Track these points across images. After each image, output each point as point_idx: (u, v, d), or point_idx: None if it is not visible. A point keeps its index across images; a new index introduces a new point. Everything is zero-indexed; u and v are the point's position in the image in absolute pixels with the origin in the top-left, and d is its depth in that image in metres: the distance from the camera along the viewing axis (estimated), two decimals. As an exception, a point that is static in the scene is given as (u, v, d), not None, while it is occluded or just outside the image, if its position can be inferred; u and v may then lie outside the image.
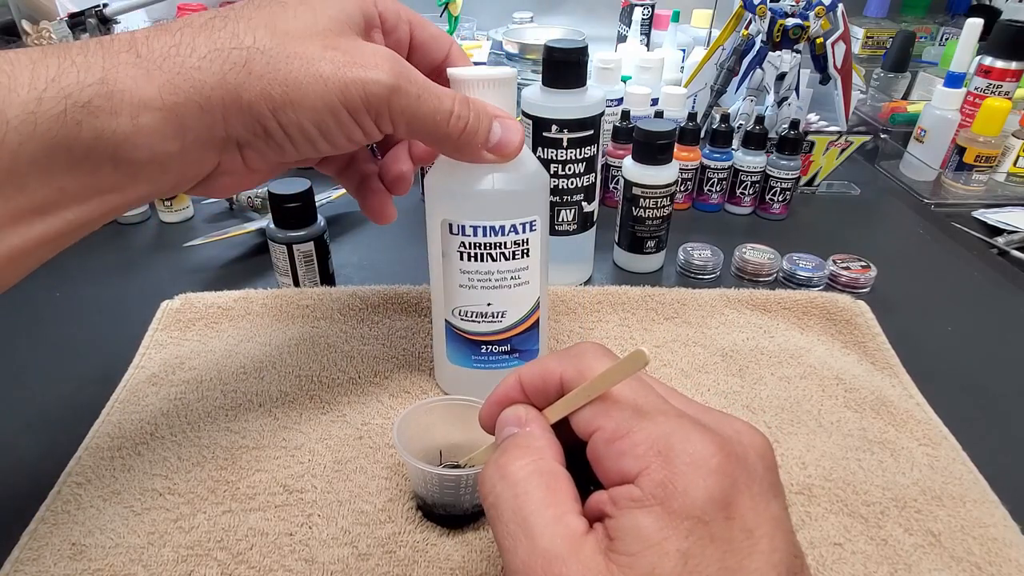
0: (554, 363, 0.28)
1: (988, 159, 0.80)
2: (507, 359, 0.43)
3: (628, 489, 0.23)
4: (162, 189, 0.30)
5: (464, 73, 0.37)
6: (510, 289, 0.41)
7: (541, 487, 0.24)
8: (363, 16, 0.32)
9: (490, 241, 0.39)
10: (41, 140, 0.25)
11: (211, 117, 0.28)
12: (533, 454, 0.25)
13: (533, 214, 0.40)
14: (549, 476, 0.24)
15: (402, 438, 0.34)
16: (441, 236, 0.40)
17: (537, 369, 0.28)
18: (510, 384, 0.29)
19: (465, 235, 0.39)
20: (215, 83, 0.28)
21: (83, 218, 0.28)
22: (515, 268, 0.41)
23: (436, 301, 0.43)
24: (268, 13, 0.29)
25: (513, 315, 0.42)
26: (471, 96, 0.35)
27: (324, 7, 0.31)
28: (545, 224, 0.41)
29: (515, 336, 0.43)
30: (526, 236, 0.40)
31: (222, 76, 0.28)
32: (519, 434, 0.27)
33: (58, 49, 0.26)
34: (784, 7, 0.75)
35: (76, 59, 0.26)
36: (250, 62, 0.28)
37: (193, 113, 0.28)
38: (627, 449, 0.23)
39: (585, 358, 0.27)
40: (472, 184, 0.38)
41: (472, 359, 0.43)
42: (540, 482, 0.24)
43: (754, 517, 0.22)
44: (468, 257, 0.40)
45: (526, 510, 0.23)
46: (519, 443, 0.26)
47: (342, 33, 0.31)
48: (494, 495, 0.24)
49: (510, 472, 0.24)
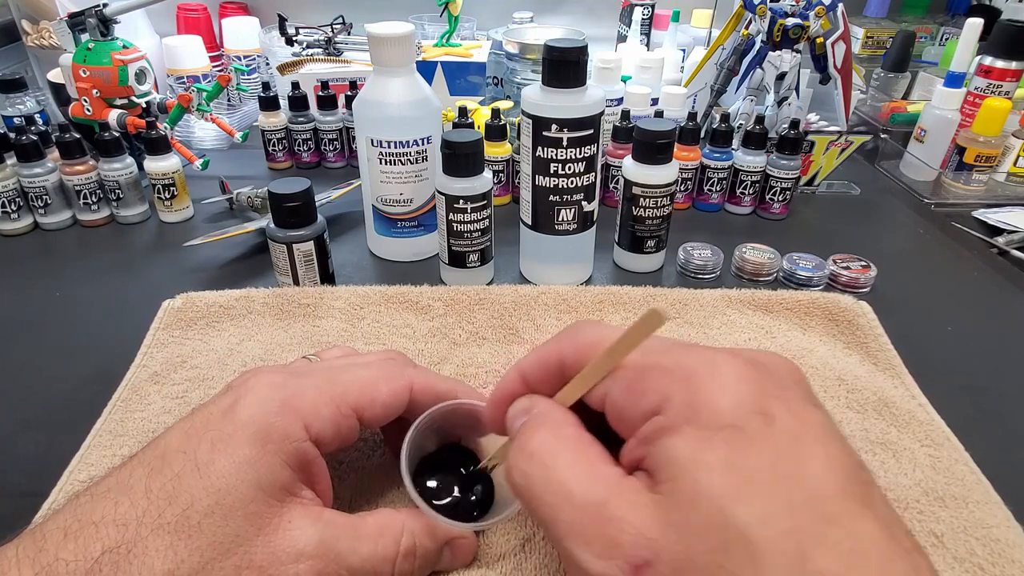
0: (550, 346, 0.27)
1: (988, 159, 0.80)
2: (415, 230, 0.63)
3: (654, 421, 0.22)
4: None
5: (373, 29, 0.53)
6: (414, 183, 0.60)
7: (568, 450, 0.23)
8: (281, 466, 0.27)
9: (400, 151, 0.57)
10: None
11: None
12: (550, 426, 0.24)
13: (429, 131, 0.58)
14: (574, 440, 0.23)
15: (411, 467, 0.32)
16: (367, 148, 0.58)
17: (534, 357, 0.27)
18: (510, 379, 0.28)
19: (383, 147, 0.57)
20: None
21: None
22: (418, 169, 0.59)
23: (365, 192, 0.62)
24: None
25: (418, 201, 0.61)
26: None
27: (226, 486, 0.26)
28: (437, 136, 0.58)
29: (420, 215, 0.62)
30: (424, 148, 0.58)
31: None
32: (530, 416, 0.26)
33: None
34: (784, 7, 0.75)
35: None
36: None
37: None
38: (647, 387, 0.22)
39: (582, 334, 0.26)
40: (386, 111, 0.56)
41: (392, 231, 0.62)
42: (566, 446, 0.23)
43: (797, 424, 0.20)
44: (385, 162, 0.58)
45: (558, 476, 0.22)
46: (533, 423, 0.25)
47: (254, 525, 0.26)
48: (523, 477, 0.23)
49: (531, 448, 0.24)
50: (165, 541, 0.24)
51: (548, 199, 0.55)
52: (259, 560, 0.26)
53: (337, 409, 0.30)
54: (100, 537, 0.24)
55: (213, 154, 0.82)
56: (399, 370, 0.33)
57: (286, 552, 0.26)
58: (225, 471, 0.26)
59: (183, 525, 0.25)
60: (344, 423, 0.30)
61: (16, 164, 0.66)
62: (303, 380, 0.30)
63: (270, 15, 1.06)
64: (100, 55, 0.69)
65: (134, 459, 0.27)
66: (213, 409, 0.28)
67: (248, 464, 0.26)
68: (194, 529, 0.25)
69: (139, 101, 0.72)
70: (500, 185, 0.74)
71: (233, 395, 0.29)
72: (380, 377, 0.32)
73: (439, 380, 0.34)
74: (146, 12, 1.04)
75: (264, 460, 0.27)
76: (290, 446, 0.28)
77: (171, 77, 0.99)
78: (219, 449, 0.26)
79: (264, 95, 0.81)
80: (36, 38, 0.97)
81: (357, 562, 0.27)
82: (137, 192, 0.70)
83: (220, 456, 0.26)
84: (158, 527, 0.25)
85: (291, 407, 0.28)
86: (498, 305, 0.52)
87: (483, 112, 0.76)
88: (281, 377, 0.30)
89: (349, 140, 0.85)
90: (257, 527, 0.26)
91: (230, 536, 0.25)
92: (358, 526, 0.29)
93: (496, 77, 0.99)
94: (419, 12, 1.07)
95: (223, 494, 0.25)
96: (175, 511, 0.25)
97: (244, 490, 0.26)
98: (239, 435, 0.27)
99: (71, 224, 0.70)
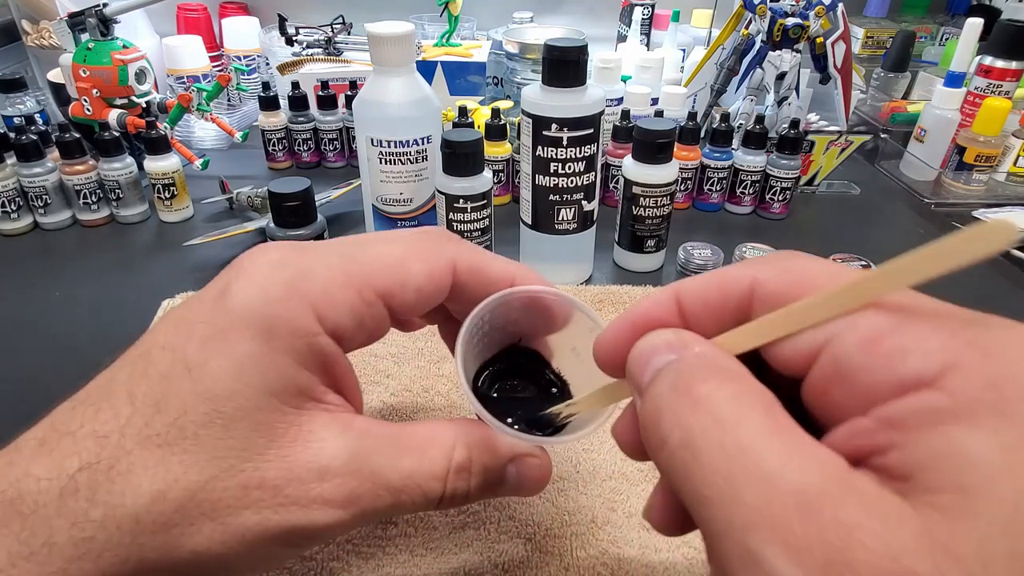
0: (739, 267, 0.19)
1: (988, 159, 0.80)
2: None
3: (921, 398, 0.14)
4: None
5: (373, 29, 0.52)
6: (414, 183, 0.59)
7: (759, 411, 0.16)
8: (294, 367, 0.22)
9: (399, 151, 0.57)
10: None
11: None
12: (728, 375, 0.17)
13: (429, 131, 0.57)
14: (763, 400, 0.16)
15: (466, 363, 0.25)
16: (367, 147, 0.57)
17: (708, 278, 0.19)
18: (657, 298, 0.20)
19: (383, 147, 0.56)
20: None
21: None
22: (418, 168, 0.58)
23: (365, 192, 0.61)
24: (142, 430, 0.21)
25: (417, 200, 0.60)
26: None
27: (227, 377, 0.21)
28: (437, 135, 0.57)
29: (420, 215, 0.61)
30: (424, 147, 0.57)
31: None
32: (687, 356, 0.18)
33: None
34: (784, 7, 0.75)
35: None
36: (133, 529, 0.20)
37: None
38: (909, 344, 0.15)
39: (796, 259, 0.18)
40: (386, 111, 0.55)
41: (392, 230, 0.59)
42: (756, 405, 0.16)
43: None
44: (385, 161, 0.57)
45: (745, 439, 0.15)
46: (697, 364, 0.18)
47: (262, 430, 0.21)
48: (682, 430, 0.16)
49: (697, 393, 0.16)
50: (155, 455, 0.20)
51: (548, 199, 0.55)
52: (273, 478, 0.21)
53: (358, 294, 0.23)
54: (77, 450, 0.20)
55: (213, 154, 0.82)
56: (436, 246, 0.26)
57: (307, 468, 0.21)
58: (222, 373, 0.21)
59: (176, 437, 0.20)
60: (368, 312, 0.24)
61: (16, 164, 0.66)
62: (312, 258, 0.24)
63: (270, 15, 1.06)
64: (100, 55, 0.69)
65: (120, 359, 0.23)
66: (204, 295, 0.23)
67: (250, 364, 0.21)
68: (189, 442, 0.20)
69: (139, 101, 0.72)
70: (500, 185, 0.74)
71: (226, 278, 0.23)
72: (411, 254, 0.25)
73: (491, 259, 0.27)
74: (146, 12, 1.04)
75: (271, 359, 0.21)
76: (301, 342, 0.22)
77: (171, 77, 0.99)
78: (212, 346, 0.21)
79: (264, 95, 0.81)
80: (36, 38, 0.97)
81: (398, 480, 0.22)
82: (137, 192, 0.70)
83: (214, 355, 0.21)
84: (145, 439, 0.20)
85: (298, 292, 0.22)
86: (498, 304, 0.52)
87: (483, 112, 0.76)
88: (284, 253, 0.24)
89: (349, 140, 0.85)
90: (269, 438, 0.21)
91: (235, 449, 0.21)
92: (400, 437, 0.23)
93: (496, 77, 0.99)
94: (419, 12, 1.07)
95: (222, 400, 0.21)
96: (164, 420, 0.20)
97: (249, 395, 0.21)
98: (234, 329, 0.21)
99: (71, 224, 0.70)
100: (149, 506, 0.20)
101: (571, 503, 0.36)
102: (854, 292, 0.16)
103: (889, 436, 0.15)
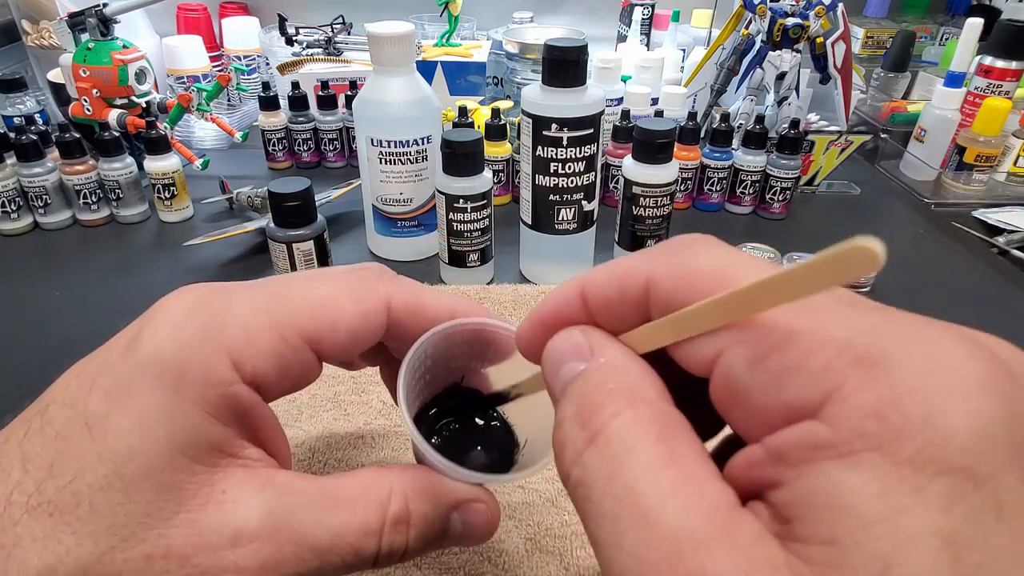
0: (636, 263, 0.18)
1: (988, 159, 0.80)
2: (415, 230, 0.63)
3: (808, 429, 0.13)
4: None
5: (373, 29, 0.53)
6: (414, 183, 0.60)
7: (651, 440, 0.15)
8: (206, 420, 0.20)
9: (399, 151, 0.57)
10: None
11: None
12: (626, 395, 0.16)
13: (429, 131, 0.58)
14: (659, 423, 0.16)
15: (409, 402, 0.24)
16: (367, 147, 0.58)
17: (606, 274, 0.18)
18: (564, 296, 0.19)
19: (383, 147, 0.57)
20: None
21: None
22: (418, 168, 0.59)
23: (365, 192, 0.62)
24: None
25: (417, 200, 0.61)
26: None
27: (133, 438, 0.19)
28: (437, 136, 0.58)
29: (420, 215, 0.62)
30: (424, 147, 0.58)
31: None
32: (592, 369, 0.18)
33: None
34: (784, 7, 0.75)
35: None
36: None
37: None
38: (796, 363, 0.14)
39: (694, 256, 0.17)
40: (386, 111, 0.56)
41: (391, 230, 0.63)
42: (647, 432, 0.15)
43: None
44: (385, 161, 0.58)
45: (631, 477, 0.15)
46: (600, 382, 0.17)
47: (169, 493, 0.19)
48: (579, 467, 0.16)
49: (595, 425, 0.16)
50: (44, 526, 0.18)
51: (548, 198, 0.55)
52: (180, 546, 0.19)
53: (281, 338, 0.21)
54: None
55: (213, 154, 0.82)
56: (369, 284, 0.24)
57: (218, 533, 0.19)
58: (123, 430, 0.19)
59: (68, 504, 0.18)
60: (293, 357, 0.22)
61: (16, 164, 0.66)
62: (233, 299, 0.22)
63: (270, 15, 1.06)
64: (100, 55, 0.69)
65: (17, 418, 0.21)
66: (112, 345, 0.21)
67: (155, 419, 0.19)
68: (83, 509, 0.18)
69: (139, 101, 0.72)
70: (500, 185, 0.74)
71: (137, 326, 0.21)
72: (342, 293, 0.23)
73: (429, 295, 0.25)
74: (146, 12, 1.04)
75: (179, 412, 0.20)
76: (215, 392, 0.20)
77: (171, 77, 0.99)
78: (114, 400, 0.19)
79: (264, 95, 0.81)
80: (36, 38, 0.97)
81: (326, 539, 0.20)
82: (137, 192, 0.70)
83: (116, 409, 0.19)
84: (34, 507, 0.18)
85: (212, 336, 0.21)
86: (498, 304, 0.52)
87: (483, 112, 0.76)
88: (202, 294, 0.22)
89: (349, 140, 0.85)
90: (176, 501, 0.19)
91: (136, 516, 0.19)
92: (328, 490, 0.21)
93: (496, 77, 0.99)
94: (419, 12, 1.07)
95: (122, 460, 0.19)
96: (56, 484, 0.18)
97: (153, 454, 0.19)
98: (140, 379, 0.20)
99: (71, 224, 0.70)
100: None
101: (571, 503, 0.36)
102: (737, 304, 0.15)
103: (776, 471, 0.14)
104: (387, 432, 0.41)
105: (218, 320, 0.21)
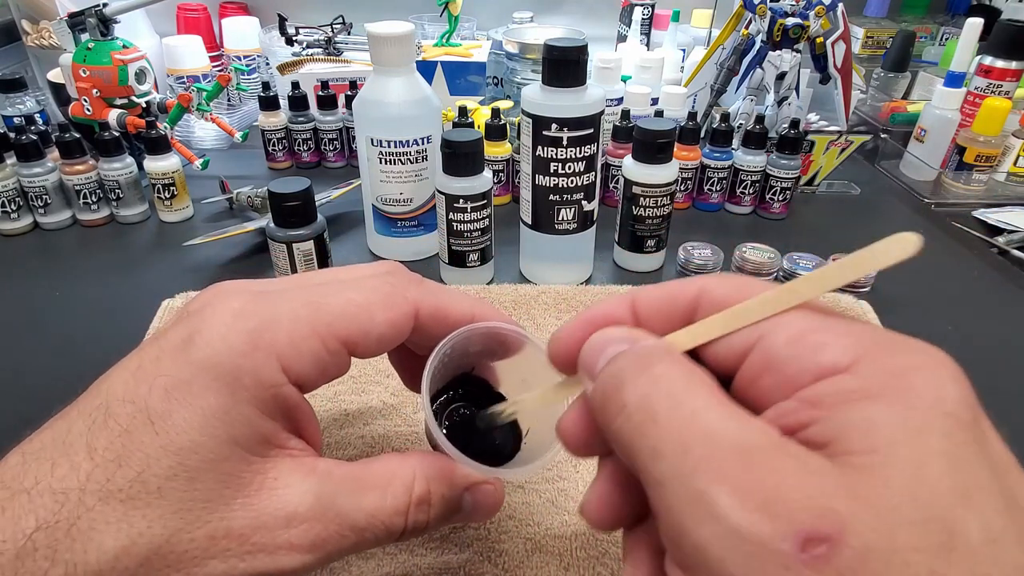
0: (692, 279, 0.21)
1: (988, 159, 0.80)
2: (415, 230, 0.63)
3: (837, 381, 0.17)
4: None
5: (373, 29, 0.53)
6: (414, 183, 0.59)
7: (705, 389, 0.18)
8: (259, 417, 0.23)
9: (399, 151, 0.57)
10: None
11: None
12: (678, 360, 0.19)
13: (429, 131, 0.58)
14: (708, 383, 0.18)
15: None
16: (367, 147, 0.58)
17: (659, 291, 0.21)
18: (614, 301, 0.22)
19: (383, 147, 0.57)
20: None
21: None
22: (418, 168, 0.59)
23: (365, 191, 0.62)
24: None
25: (417, 200, 0.61)
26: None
27: (189, 432, 0.21)
28: (437, 135, 0.58)
29: (420, 215, 0.62)
30: (424, 147, 0.58)
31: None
32: (638, 347, 0.20)
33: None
34: (784, 7, 0.75)
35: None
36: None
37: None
38: (828, 340, 0.18)
39: (733, 278, 0.21)
40: (386, 111, 0.56)
41: (392, 230, 0.62)
42: (703, 384, 0.18)
43: (1007, 455, 0.16)
44: (385, 161, 0.58)
45: (694, 408, 0.17)
46: (648, 350, 0.20)
47: (226, 483, 0.22)
48: (641, 396, 0.18)
49: (655, 372, 0.18)
50: (118, 511, 0.20)
51: (548, 198, 0.55)
52: (239, 527, 0.21)
53: (322, 344, 0.24)
54: (34, 508, 0.20)
55: (213, 154, 0.82)
56: (400, 291, 0.26)
57: (273, 515, 0.22)
58: (187, 425, 0.21)
59: (140, 492, 0.21)
60: (331, 360, 0.25)
61: (16, 164, 0.66)
62: (277, 306, 0.24)
63: (270, 15, 1.06)
64: (100, 55, 0.69)
65: (73, 409, 0.23)
66: (164, 344, 0.23)
67: (215, 416, 0.22)
68: (153, 496, 0.21)
69: (139, 101, 0.72)
70: (500, 185, 0.74)
71: (187, 326, 0.23)
72: (375, 302, 0.25)
73: (452, 300, 0.27)
74: (146, 12, 1.04)
75: (236, 411, 0.22)
76: (267, 393, 0.23)
77: (171, 77, 0.99)
78: (176, 398, 0.22)
79: (264, 95, 0.81)
80: (36, 38, 0.97)
81: (363, 519, 0.23)
82: (137, 192, 0.70)
83: (178, 407, 0.21)
84: (107, 495, 0.20)
85: (263, 344, 0.23)
86: (498, 304, 0.52)
87: (483, 112, 0.76)
88: (247, 301, 0.24)
89: (349, 140, 0.85)
90: (234, 488, 0.22)
91: (200, 501, 0.21)
92: (361, 476, 0.24)
93: (496, 77, 0.99)
94: (419, 12, 1.07)
95: (187, 453, 0.21)
96: (127, 475, 0.21)
97: (213, 447, 0.21)
98: (199, 380, 0.22)
99: (71, 224, 0.70)
100: (113, 562, 0.20)
101: (571, 503, 0.36)
102: (785, 296, 0.19)
103: (810, 413, 0.17)
104: (387, 432, 0.41)
105: (265, 328, 0.24)
